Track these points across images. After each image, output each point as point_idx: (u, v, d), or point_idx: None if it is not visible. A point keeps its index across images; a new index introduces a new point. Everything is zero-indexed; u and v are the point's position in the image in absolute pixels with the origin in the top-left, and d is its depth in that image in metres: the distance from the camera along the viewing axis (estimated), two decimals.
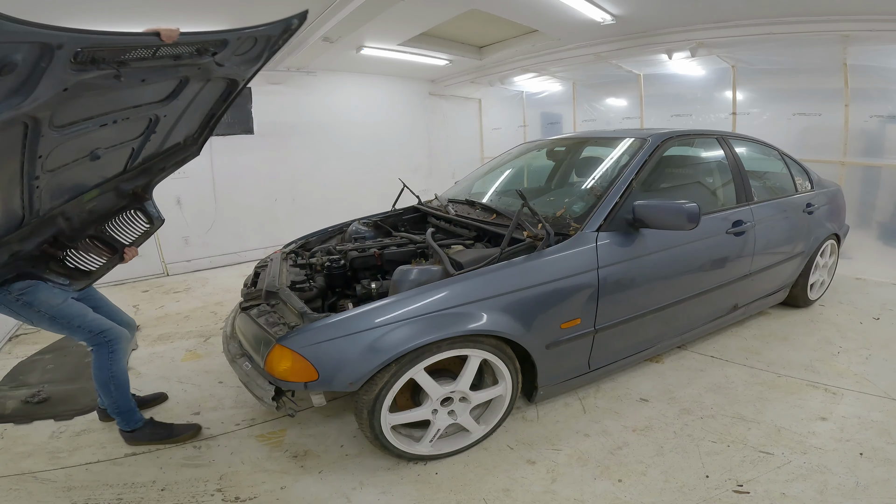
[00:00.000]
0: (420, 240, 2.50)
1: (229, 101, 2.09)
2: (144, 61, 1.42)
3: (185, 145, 2.12)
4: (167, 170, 2.11)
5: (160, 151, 2.02)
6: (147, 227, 2.10)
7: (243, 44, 1.69)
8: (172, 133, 1.95)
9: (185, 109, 1.85)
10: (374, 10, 3.37)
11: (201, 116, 2.07)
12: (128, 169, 1.94)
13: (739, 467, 1.79)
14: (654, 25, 4.23)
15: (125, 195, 2.02)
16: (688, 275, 2.37)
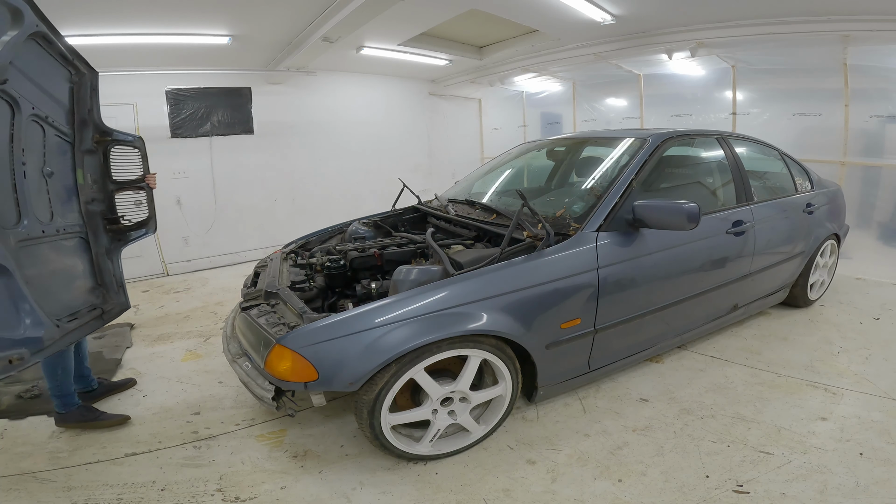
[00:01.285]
0: (420, 240, 2.50)
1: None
2: None
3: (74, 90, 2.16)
4: (91, 106, 2.19)
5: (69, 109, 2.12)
6: (136, 150, 2.29)
7: None
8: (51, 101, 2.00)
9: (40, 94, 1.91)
10: (374, 10, 3.37)
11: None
12: (71, 141, 2.07)
13: (739, 467, 1.79)
14: (654, 25, 4.23)
15: (96, 149, 2.18)
16: (688, 275, 2.37)
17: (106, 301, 2.23)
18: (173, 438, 2.11)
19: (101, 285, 2.20)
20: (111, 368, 2.81)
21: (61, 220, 1.98)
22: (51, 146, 1.94)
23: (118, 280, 2.28)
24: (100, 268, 2.21)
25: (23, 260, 1.74)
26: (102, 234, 2.21)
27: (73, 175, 2.10)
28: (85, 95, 2.15)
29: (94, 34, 3.59)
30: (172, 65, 4.65)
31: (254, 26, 3.91)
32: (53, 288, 1.92)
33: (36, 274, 1.82)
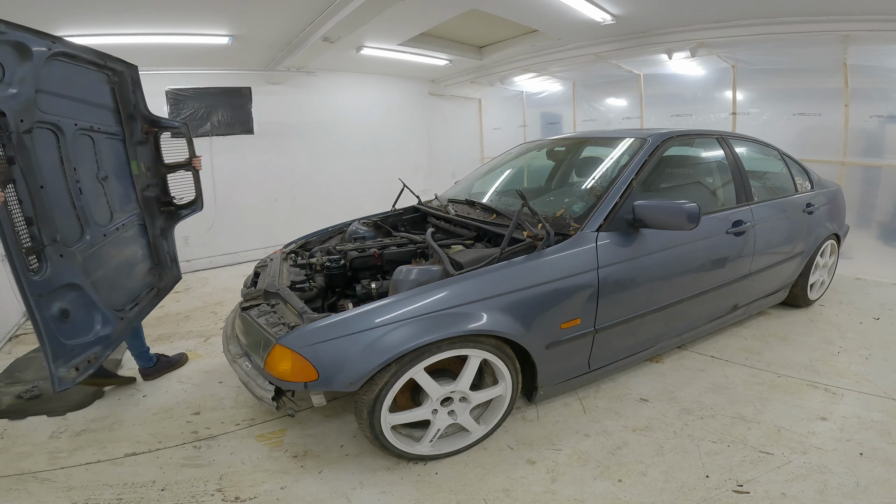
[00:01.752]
0: (420, 240, 2.50)
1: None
2: None
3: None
4: (136, 100, 2.35)
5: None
6: (182, 135, 2.48)
7: None
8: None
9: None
10: (374, 10, 3.37)
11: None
12: (121, 137, 2.23)
13: (739, 467, 1.79)
14: (654, 25, 4.22)
15: (146, 139, 2.37)
16: (688, 275, 2.37)
17: (161, 279, 2.51)
18: (173, 438, 2.11)
19: (157, 265, 2.46)
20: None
21: (120, 214, 2.18)
22: (102, 150, 2.09)
23: (172, 255, 2.54)
24: (156, 248, 2.47)
25: (89, 267, 1.93)
26: (158, 217, 2.44)
27: (128, 167, 2.26)
28: (127, 92, 2.24)
29: (94, 34, 3.58)
30: (172, 65, 4.65)
31: (254, 26, 3.91)
32: (118, 281, 2.15)
33: (102, 275, 2.02)
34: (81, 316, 1.89)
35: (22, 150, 1.65)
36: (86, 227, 1.93)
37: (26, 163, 1.66)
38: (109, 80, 2.14)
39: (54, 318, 1.77)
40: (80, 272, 1.85)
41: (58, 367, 1.78)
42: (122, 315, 2.11)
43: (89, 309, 1.92)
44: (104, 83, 2.12)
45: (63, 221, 1.82)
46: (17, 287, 1.64)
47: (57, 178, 1.82)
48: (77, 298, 1.86)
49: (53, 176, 1.80)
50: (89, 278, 1.90)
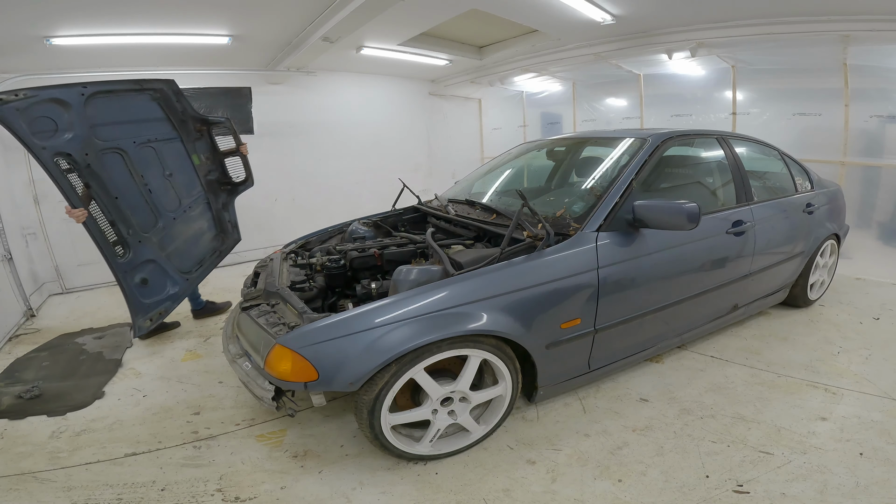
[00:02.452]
0: (420, 240, 2.50)
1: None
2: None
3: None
4: (183, 106, 2.75)
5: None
6: (231, 130, 2.90)
7: None
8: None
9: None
10: (374, 10, 3.37)
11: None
12: (180, 139, 2.71)
13: (739, 467, 1.79)
14: (654, 25, 4.22)
15: (200, 136, 2.81)
16: (688, 275, 2.37)
17: (223, 242, 3.03)
18: (173, 438, 2.11)
19: (221, 232, 2.98)
20: (111, 369, 2.81)
21: (187, 199, 2.71)
22: (165, 154, 2.57)
23: (233, 223, 3.05)
24: (219, 219, 3.01)
25: (164, 244, 2.52)
26: (220, 194, 2.95)
27: (190, 161, 2.74)
28: (172, 103, 2.62)
29: (94, 34, 3.59)
30: (172, 65, 4.64)
31: (254, 26, 3.90)
32: (187, 250, 2.71)
33: (174, 248, 2.61)
34: (157, 281, 2.51)
35: (92, 176, 2.21)
36: (158, 216, 2.50)
37: (99, 184, 2.23)
38: (153, 97, 2.52)
39: (136, 285, 2.42)
40: (156, 250, 2.47)
41: (137, 319, 2.43)
42: (189, 276, 2.71)
43: (163, 275, 2.54)
44: (151, 101, 2.51)
45: (139, 216, 2.41)
46: (108, 267, 2.31)
47: (129, 186, 2.38)
48: (154, 269, 2.49)
49: (126, 185, 2.36)
50: (164, 252, 2.51)
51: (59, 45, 3.60)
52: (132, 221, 2.37)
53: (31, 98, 2.05)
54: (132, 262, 2.38)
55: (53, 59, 3.89)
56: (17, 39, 3.45)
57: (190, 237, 2.71)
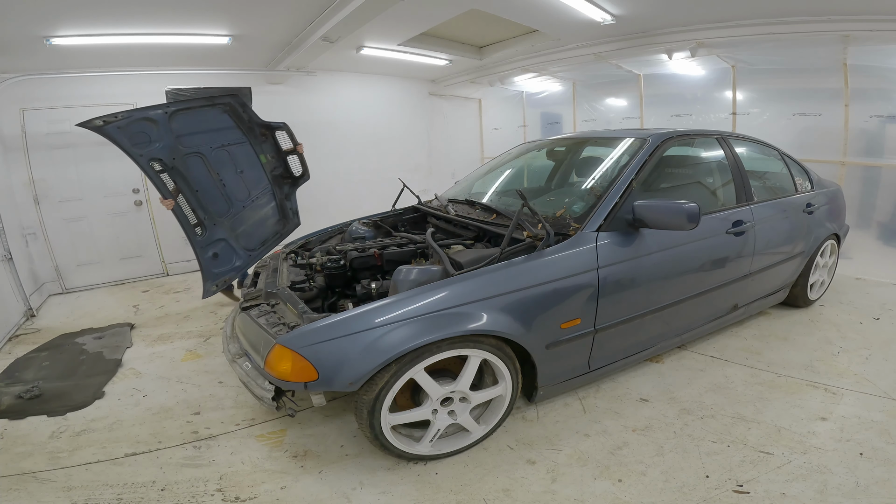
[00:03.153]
0: (420, 240, 2.50)
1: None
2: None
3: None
4: (249, 115, 3.21)
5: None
6: (289, 133, 3.29)
7: None
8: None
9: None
10: (374, 10, 3.37)
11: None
12: (249, 142, 3.22)
13: (739, 467, 1.79)
14: (654, 25, 4.22)
15: (265, 138, 3.29)
16: (688, 275, 2.37)
17: (285, 226, 3.43)
18: (173, 438, 2.11)
19: (283, 217, 3.40)
20: (111, 369, 2.81)
21: (255, 191, 3.23)
22: (237, 155, 3.12)
23: (294, 210, 3.44)
24: (282, 207, 3.43)
25: (234, 227, 3.09)
26: (283, 186, 3.39)
27: (258, 160, 3.24)
28: (239, 113, 3.13)
29: (94, 34, 3.59)
30: (172, 65, 4.65)
31: (254, 26, 3.90)
32: (253, 232, 3.21)
33: (243, 230, 3.14)
34: (225, 255, 3.05)
35: (177, 175, 2.81)
36: (230, 204, 3.08)
37: (184, 180, 2.84)
38: (223, 110, 3.06)
39: (209, 258, 2.97)
40: (227, 231, 3.03)
41: (206, 284, 2.96)
42: (252, 253, 3.18)
43: (231, 251, 3.08)
44: (222, 113, 3.06)
45: (215, 205, 3.00)
46: (189, 242, 2.91)
47: (207, 181, 2.97)
48: (224, 246, 3.04)
49: (204, 181, 2.95)
50: (233, 233, 3.06)
51: (59, 45, 3.60)
52: (209, 209, 2.98)
53: (127, 118, 2.65)
54: (207, 239, 2.98)
55: (53, 59, 3.90)
56: (17, 39, 3.45)
57: (256, 221, 3.23)
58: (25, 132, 4.29)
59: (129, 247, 4.91)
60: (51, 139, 4.39)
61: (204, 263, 2.95)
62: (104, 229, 4.76)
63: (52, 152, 4.41)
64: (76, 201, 4.60)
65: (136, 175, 4.83)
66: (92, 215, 4.69)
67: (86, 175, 4.60)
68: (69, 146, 4.47)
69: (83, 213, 4.65)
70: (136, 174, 4.83)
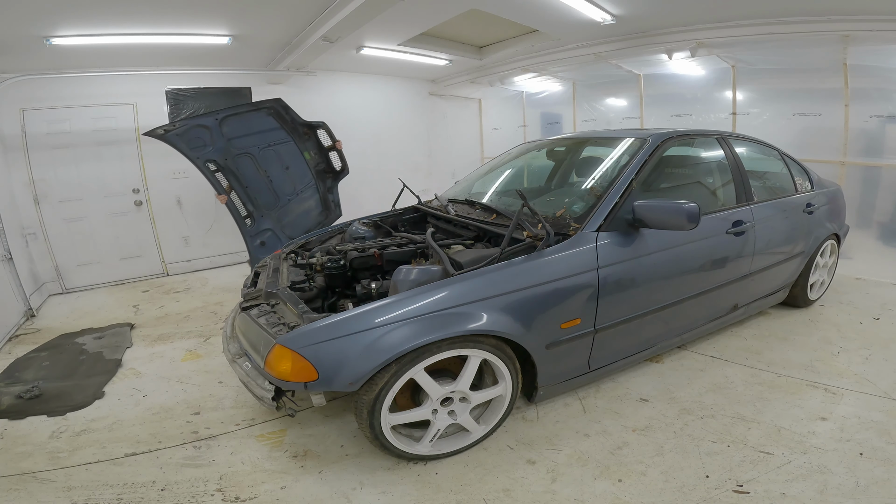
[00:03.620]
0: (420, 240, 2.50)
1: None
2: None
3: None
4: (291, 117, 3.67)
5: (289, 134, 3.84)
6: (329, 132, 3.68)
7: None
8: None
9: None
10: (374, 10, 3.37)
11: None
12: (293, 140, 3.61)
13: (739, 467, 1.79)
14: (654, 25, 4.22)
15: (308, 137, 3.70)
16: (688, 275, 2.37)
17: (327, 217, 3.75)
18: (173, 438, 2.11)
19: (325, 209, 3.75)
20: (111, 369, 2.81)
21: (300, 185, 3.61)
22: (282, 152, 3.50)
23: (336, 203, 3.79)
24: (325, 199, 3.82)
25: (280, 218, 3.45)
26: (325, 180, 3.76)
27: (303, 156, 3.62)
28: (283, 115, 3.54)
29: (94, 34, 3.59)
30: (172, 65, 4.65)
31: (254, 26, 3.90)
32: (298, 222, 3.55)
33: (288, 221, 3.49)
34: (272, 244, 3.41)
35: (229, 173, 3.29)
36: (277, 198, 3.49)
37: (235, 178, 3.30)
38: (268, 113, 3.47)
39: (256, 246, 3.38)
40: (274, 222, 3.43)
41: (253, 267, 3.01)
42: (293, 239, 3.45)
43: (277, 240, 3.44)
44: (267, 116, 3.47)
45: (263, 198, 3.44)
46: (240, 232, 3.47)
47: (256, 178, 3.41)
48: (270, 235, 3.42)
49: (254, 177, 3.40)
50: (280, 223, 3.45)
51: (59, 45, 3.60)
52: (258, 202, 3.43)
53: (184, 126, 3.18)
54: (255, 229, 3.41)
55: (53, 59, 3.90)
56: (17, 39, 3.45)
57: (301, 213, 3.61)
58: (25, 132, 4.29)
59: (129, 247, 4.91)
60: (51, 139, 4.39)
61: (252, 251, 3.39)
62: (104, 229, 4.76)
63: (52, 152, 4.41)
64: (76, 201, 4.60)
65: (136, 175, 4.85)
66: (92, 215, 4.69)
67: (86, 175, 4.60)
68: (69, 146, 4.48)
69: (83, 213, 4.65)
70: (136, 174, 4.84)
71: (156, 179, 4.94)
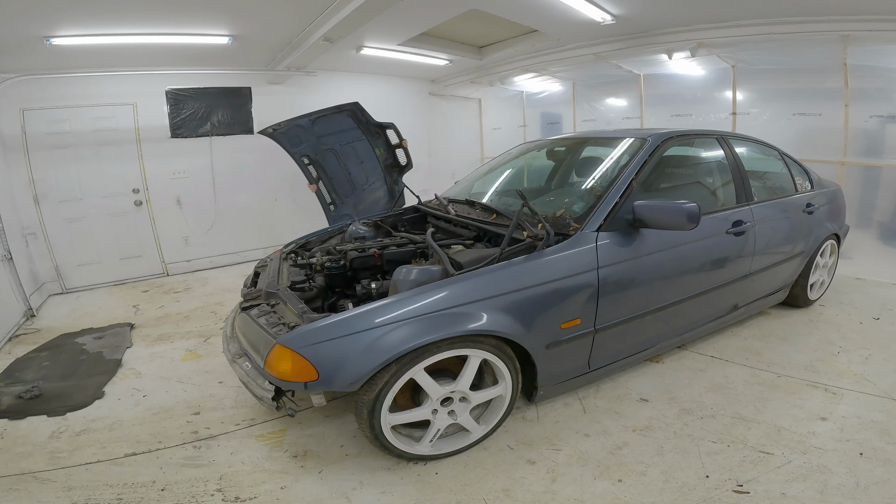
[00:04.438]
0: (420, 240, 2.50)
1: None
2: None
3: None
4: (366, 118, 3.97)
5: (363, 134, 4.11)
6: (396, 131, 3.91)
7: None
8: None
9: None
10: (374, 10, 3.37)
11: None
12: (367, 139, 3.98)
13: (739, 467, 1.79)
14: (654, 25, 4.22)
15: (378, 135, 4.01)
16: (688, 275, 2.37)
17: (393, 206, 3.81)
18: (173, 438, 2.11)
19: (392, 198, 3.94)
20: (111, 369, 2.81)
21: (371, 177, 3.99)
22: (358, 149, 3.96)
23: (400, 192, 3.95)
24: (392, 190, 4.01)
25: (357, 204, 3.91)
26: (392, 174, 3.99)
27: (374, 153, 3.98)
28: (360, 116, 3.93)
29: (94, 34, 3.59)
30: (172, 65, 4.65)
31: (254, 26, 3.90)
32: (370, 209, 3.82)
33: (363, 207, 3.87)
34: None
35: (319, 166, 3.86)
36: (354, 188, 3.94)
37: (322, 170, 3.87)
38: (348, 115, 3.90)
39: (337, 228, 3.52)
40: (351, 209, 3.88)
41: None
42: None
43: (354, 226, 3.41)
44: (347, 117, 3.90)
45: (343, 188, 3.93)
46: (325, 216, 3.98)
47: (338, 170, 3.91)
48: (349, 219, 3.54)
49: (336, 170, 3.91)
50: (356, 210, 3.87)
51: (59, 45, 3.60)
52: (339, 191, 3.93)
53: (285, 126, 3.76)
54: (338, 214, 3.90)
55: (53, 59, 3.90)
56: (17, 39, 3.45)
57: (372, 201, 3.95)
58: (25, 132, 4.29)
59: (129, 247, 4.91)
60: (51, 139, 4.39)
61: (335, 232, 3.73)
62: (104, 229, 4.76)
63: (52, 152, 4.41)
64: (76, 201, 4.60)
65: (136, 175, 4.85)
66: (92, 215, 4.69)
67: (86, 175, 4.60)
68: (69, 146, 4.48)
69: (83, 213, 4.65)
70: (136, 174, 4.84)
71: (156, 179, 4.94)
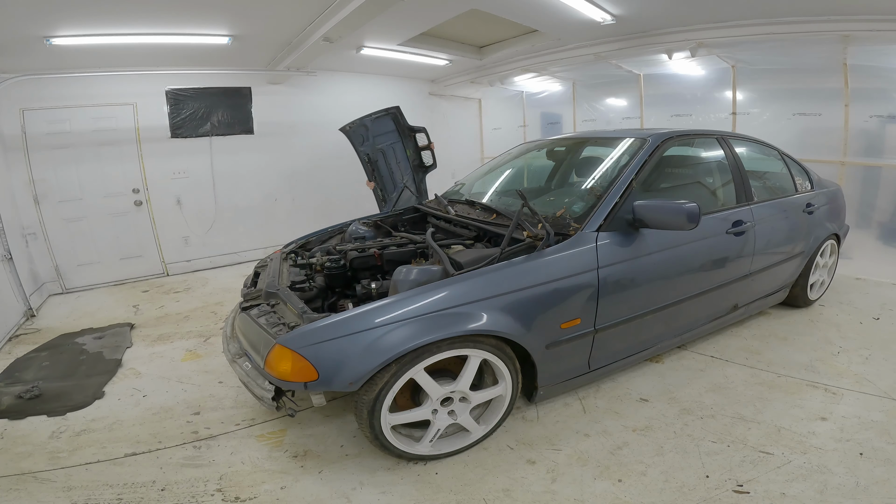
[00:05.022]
0: (420, 240, 2.50)
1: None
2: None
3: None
4: (404, 122, 4.54)
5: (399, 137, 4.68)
6: (426, 135, 4.49)
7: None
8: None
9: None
10: (374, 10, 3.36)
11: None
12: (402, 141, 4.53)
13: (739, 467, 1.79)
14: (654, 25, 4.22)
15: (410, 137, 4.55)
16: (688, 275, 2.37)
17: (419, 201, 3.94)
18: (173, 438, 2.11)
19: (419, 195, 4.38)
20: (111, 369, 2.81)
21: (405, 175, 4.45)
22: (396, 150, 4.45)
23: (425, 191, 4.49)
24: (419, 188, 4.51)
25: (395, 201, 4.06)
26: (419, 172, 4.52)
27: (405, 153, 4.47)
28: (399, 120, 4.46)
29: (94, 34, 3.59)
30: (172, 65, 4.65)
31: (254, 26, 3.90)
32: (402, 205, 3.71)
33: (398, 203, 3.92)
34: None
35: (374, 165, 4.40)
36: (395, 185, 4.37)
37: (377, 169, 4.40)
38: (390, 118, 4.39)
39: None
40: (390, 205, 4.01)
41: None
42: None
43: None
44: (390, 120, 4.41)
45: (387, 183, 4.41)
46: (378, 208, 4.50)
47: (385, 169, 4.43)
48: (381, 203, 4.42)
49: (384, 169, 4.43)
50: (393, 206, 3.85)
51: (59, 45, 3.60)
52: (387, 188, 4.42)
53: (354, 126, 4.36)
54: (386, 210, 3.80)
55: (53, 59, 3.90)
56: (17, 39, 3.45)
57: (404, 198, 4.16)
58: (25, 132, 4.29)
59: (129, 247, 4.92)
60: (51, 139, 4.39)
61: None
62: (104, 229, 4.76)
63: (52, 152, 4.41)
64: (76, 201, 4.61)
65: (136, 175, 4.85)
66: (92, 215, 4.70)
67: (86, 175, 4.61)
68: (69, 146, 4.48)
69: (83, 213, 4.65)
70: (136, 174, 4.84)
71: (156, 179, 4.94)
